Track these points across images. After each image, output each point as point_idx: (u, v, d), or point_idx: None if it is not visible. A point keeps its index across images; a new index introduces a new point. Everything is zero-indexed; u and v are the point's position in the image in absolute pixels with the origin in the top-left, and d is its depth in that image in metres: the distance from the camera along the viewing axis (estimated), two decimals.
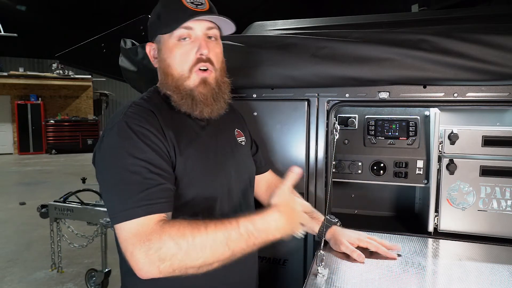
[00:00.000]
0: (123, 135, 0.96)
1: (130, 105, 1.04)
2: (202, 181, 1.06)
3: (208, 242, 0.87)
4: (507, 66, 1.26)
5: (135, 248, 0.86)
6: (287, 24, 2.03)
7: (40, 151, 14.25)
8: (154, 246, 0.85)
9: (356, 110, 1.67)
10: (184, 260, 0.86)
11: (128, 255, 0.87)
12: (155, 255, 0.85)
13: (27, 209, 5.99)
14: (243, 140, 1.27)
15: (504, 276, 1.07)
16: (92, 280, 3.28)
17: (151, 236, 0.86)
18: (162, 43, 1.08)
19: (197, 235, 0.87)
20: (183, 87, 1.06)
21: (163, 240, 0.85)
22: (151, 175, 0.93)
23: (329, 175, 1.54)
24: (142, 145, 0.95)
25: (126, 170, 0.92)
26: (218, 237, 0.88)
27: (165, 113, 1.06)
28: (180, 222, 0.89)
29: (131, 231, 0.88)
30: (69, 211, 3.09)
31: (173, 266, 0.86)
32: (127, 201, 0.90)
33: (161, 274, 0.86)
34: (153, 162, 0.95)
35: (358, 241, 1.23)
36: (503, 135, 1.42)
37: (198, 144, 1.08)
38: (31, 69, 14.67)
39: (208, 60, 1.06)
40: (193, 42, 1.05)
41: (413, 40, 1.35)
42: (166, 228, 0.87)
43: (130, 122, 0.97)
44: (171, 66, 1.07)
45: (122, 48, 1.80)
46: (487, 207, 1.42)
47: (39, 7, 9.10)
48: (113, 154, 0.95)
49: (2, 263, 4.04)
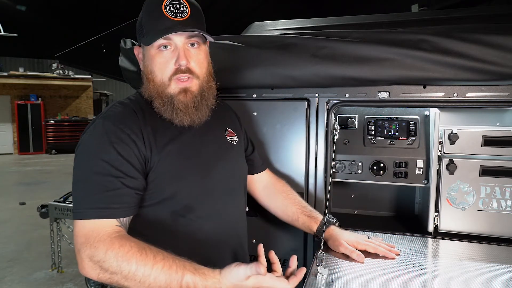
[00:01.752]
0: (95, 134, 1.00)
1: (114, 104, 1.07)
2: (182, 179, 1.07)
3: (148, 279, 0.87)
4: (507, 66, 1.26)
5: (82, 248, 0.90)
6: (287, 24, 2.03)
7: (40, 151, 14.25)
8: (98, 256, 0.88)
9: (356, 110, 1.67)
10: (121, 282, 0.88)
11: (76, 250, 0.91)
12: (98, 264, 0.88)
13: (27, 209, 5.99)
14: (235, 139, 1.27)
15: (504, 276, 1.07)
16: (92, 280, 3.27)
17: (98, 244, 0.89)
18: (145, 49, 1.10)
19: (141, 267, 0.87)
20: (164, 94, 1.07)
21: (107, 256, 0.88)
22: (110, 178, 0.95)
23: (329, 175, 1.54)
24: (108, 147, 0.97)
25: (89, 169, 0.96)
26: (159, 279, 0.87)
27: (148, 114, 1.08)
28: (131, 245, 0.89)
29: (83, 230, 0.92)
30: (69, 211, 3.09)
31: (111, 280, 0.89)
32: (83, 200, 0.95)
33: (100, 280, 0.90)
34: (115, 164, 0.96)
35: (356, 244, 1.22)
36: (503, 135, 1.41)
37: (179, 143, 1.09)
38: (31, 69, 14.68)
39: (188, 70, 1.07)
40: (173, 52, 1.06)
41: (413, 40, 1.35)
42: (115, 245, 0.89)
43: (106, 121, 1.01)
44: (153, 73, 1.09)
45: (122, 48, 1.80)
46: (487, 207, 1.42)
47: (39, 7, 9.09)
48: (83, 151, 1.00)
49: (2, 263, 4.04)
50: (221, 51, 1.52)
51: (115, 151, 0.97)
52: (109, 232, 0.91)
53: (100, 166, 0.95)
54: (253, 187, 1.41)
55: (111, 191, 0.95)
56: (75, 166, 0.99)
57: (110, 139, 0.98)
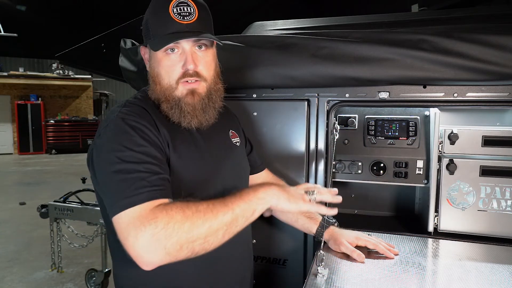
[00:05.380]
0: (119, 131, 0.97)
1: (125, 104, 1.05)
2: (195, 181, 1.07)
3: (208, 207, 0.90)
4: (507, 66, 1.26)
5: (140, 230, 0.83)
6: (287, 24, 2.03)
7: (40, 151, 14.25)
8: (161, 222, 0.84)
9: (356, 110, 1.67)
10: (191, 230, 0.85)
11: (131, 240, 0.84)
12: (162, 233, 0.83)
13: (27, 209, 5.99)
14: (238, 141, 1.27)
15: (504, 276, 1.07)
16: (92, 280, 3.28)
17: (156, 214, 0.85)
18: (152, 51, 1.08)
19: (200, 203, 0.90)
20: (171, 97, 1.07)
21: (170, 214, 0.85)
22: (149, 166, 0.93)
23: (329, 175, 1.54)
24: (138, 139, 0.96)
25: (124, 162, 0.92)
26: (216, 202, 0.92)
27: (158, 115, 1.06)
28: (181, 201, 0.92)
29: (133, 215, 0.86)
30: (69, 211, 3.09)
31: (180, 241, 0.84)
32: (126, 189, 0.89)
33: (168, 255, 0.84)
34: (151, 153, 0.95)
35: (356, 240, 1.24)
36: (503, 135, 1.41)
37: (191, 145, 1.09)
38: (31, 69, 14.67)
39: (196, 74, 1.06)
40: (180, 55, 1.05)
41: (413, 40, 1.35)
42: (171, 205, 0.89)
43: (126, 118, 0.98)
44: (159, 75, 1.07)
45: (122, 48, 1.80)
46: (487, 207, 1.42)
47: (39, 7, 9.09)
48: (111, 149, 0.95)
49: (2, 263, 4.04)
50: (221, 51, 1.52)
51: (146, 142, 0.96)
52: (159, 205, 0.88)
53: (135, 157, 0.93)
54: None
55: (154, 175, 0.92)
56: (102, 165, 0.96)
57: (137, 133, 0.96)
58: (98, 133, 1.01)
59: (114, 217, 0.89)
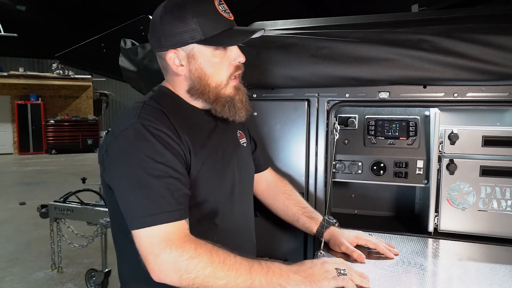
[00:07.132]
0: (141, 137, 0.94)
1: (142, 106, 1.01)
2: (212, 184, 1.07)
3: (235, 265, 0.89)
4: (507, 66, 1.26)
5: (164, 252, 0.86)
6: (287, 24, 2.02)
7: (40, 151, 14.25)
8: (187, 254, 0.86)
9: (356, 110, 1.67)
10: (210, 277, 0.87)
11: (152, 258, 0.87)
12: (184, 264, 0.86)
13: (27, 209, 5.99)
14: (245, 141, 1.29)
15: (504, 276, 1.07)
16: (92, 280, 3.27)
17: (185, 244, 0.87)
18: (197, 52, 1.04)
19: (228, 255, 0.91)
20: (223, 95, 1.08)
21: (198, 252, 0.87)
22: (171, 180, 0.93)
23: (329, 175, 1.54)
24: (161, 148, 0.94)
25: (147, 174, 0.91)
26: (243, 263, 0.91)
27: (177, 114, 1.04)
28: (208, 242, 0.92)
29: (159, 235, 0.88)
30: (69, 211, 3.09)
31: (196, 280, 0.86)
32: (149, 206, 0.89)
33: (178, 283, 0.86)
34: (173, 166, 0.94)
35: (356, 239, 1.24)
36: (503, 135, 1.41)
37: (210, 146, 1.09)
38: (31, 69, 14.66)
39: (242, 66, 1.10)
40: (229, 50, 1.06)
41: (413, 40, 1.35)
42: (201, 242, 0.90)
43: (147, 124, 0.95)
44: (210, 75, 1.06)
45: (122, 48, 1.80)
46: (487, 207, 1.42)
47: (39, 7, 9.08)
48: (131, 157, 0.93)
49: (2, 263, 4.04)
50: None
51: (169, 152, 0.94)
52: (188, 234, 0.91)
53: (158, 169, 0.92)
54: (257, 187, 1.41)
55: (176, 191, 0.93)
56: (121, 175, 0.94)
57: (159, 141, 0.94)
58: (113, 134, 0.98)
59: (134, 231, 0.90)
